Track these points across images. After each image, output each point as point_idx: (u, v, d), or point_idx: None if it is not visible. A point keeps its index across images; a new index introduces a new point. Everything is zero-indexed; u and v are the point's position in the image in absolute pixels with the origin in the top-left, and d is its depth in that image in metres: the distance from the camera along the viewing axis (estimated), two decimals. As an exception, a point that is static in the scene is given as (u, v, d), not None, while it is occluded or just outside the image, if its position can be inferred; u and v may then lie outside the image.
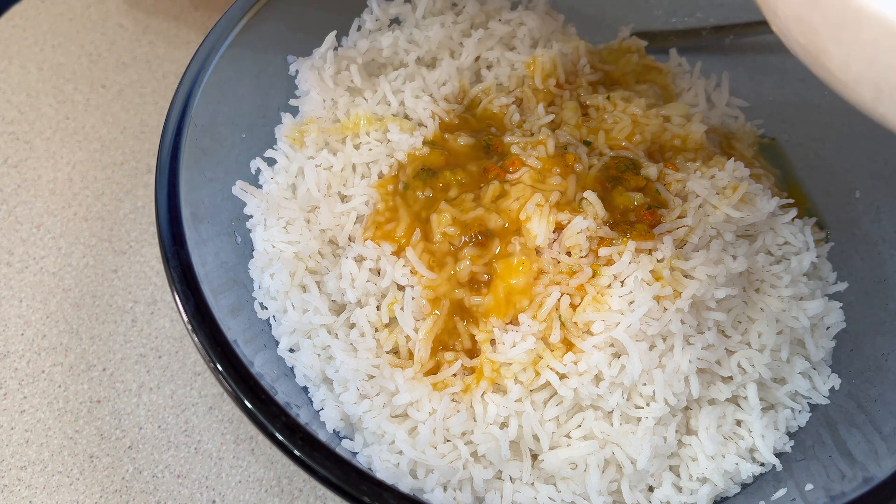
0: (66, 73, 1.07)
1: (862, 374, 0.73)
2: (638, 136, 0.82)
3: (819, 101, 0.85)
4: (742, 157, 0.85)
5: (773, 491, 0.67)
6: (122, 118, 1.03)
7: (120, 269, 0.90)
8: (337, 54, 0.86)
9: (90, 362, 0.83)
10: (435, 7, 0.90)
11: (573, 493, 0.66)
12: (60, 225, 0.93)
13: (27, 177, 0.97)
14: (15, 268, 0.89)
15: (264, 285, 0.73)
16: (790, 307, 0.73)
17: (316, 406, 0.70)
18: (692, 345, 0.68)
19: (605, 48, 0.95)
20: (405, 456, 0.64)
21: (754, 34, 0.91)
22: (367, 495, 0.53)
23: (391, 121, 0.81)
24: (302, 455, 0.54)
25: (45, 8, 1.14)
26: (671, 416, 0.68)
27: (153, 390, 0.81)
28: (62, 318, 0.86)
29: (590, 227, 0.71)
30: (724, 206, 0.74)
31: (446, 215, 0.73)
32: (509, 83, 0.86)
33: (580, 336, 0.68)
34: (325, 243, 0.76)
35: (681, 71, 0.95)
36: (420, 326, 0.69)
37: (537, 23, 0.89)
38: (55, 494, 0.75)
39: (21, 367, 0.82)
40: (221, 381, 0.57)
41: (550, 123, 0.82)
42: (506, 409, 0.66)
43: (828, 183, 0.84)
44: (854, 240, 0.80)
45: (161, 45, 1.10)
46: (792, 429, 0.72)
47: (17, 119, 1.02)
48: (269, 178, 0.79)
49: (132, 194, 0.96)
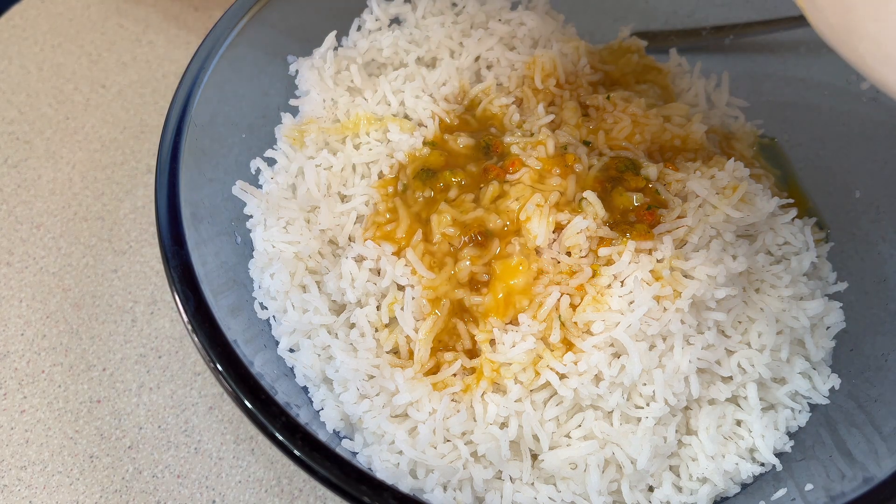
0: (66, 73, 1.07)
1: (862, 374, 0.73)
2: (638, 137, 0.82)
3: (819, 101, 0.85)
4: (742, 157, 0.85)
5: (773, 491, 0.67)
6: (122, 118, 1.03)
7: (120, 269, 0.90)
8: (337, 54, 0.86)
9: (90, 362, 0.83)
10: (435, 7, 0.90)
11: (573, 493, 0.66)
12: (60, 225, 0.93)
13: (27, 177, 0.97)
14: (15, 268, 0.89)
15: (264, 285, 0.73)
16: (790, 307, 0.73)
17: (316, 406, 0.70)
18: (692, 345, 0.68)
19: (605, 48, 0.95)
20: (405, 456, 0.64)
21: (754, 34, 0.91)
22: (367, 495, 0.53)
23: (391, 121, 0.81)
24: (302, 455, 0.54)
25: (45, 8, 1.14)
26: (671, 416, 0.68)
27: (153, 390, 0.81)
28: (62, 318, 0.86)
29: (589, 227, 0.71)
30: (724, 206, 0.74)
31: (446, 216, 0.72)
32: (509, 83, 0.86)
33: (580, 336, 0.68)
34: (325, 243, 0.76)
35: (681, 71, 0.95)
36: (420, 326, 0.69)
37: (537, 23, 0.89)
38: (55, 494, 0.75)
39: (21, 367, 0.82)
40: (221, 381, 0.57)
41: (550, 124, 0.82)
42: (506, 409, 0.66)
43: (828, 183, 0.84)
44: (854, 240, 0.80)
45: (161, 45, 1.11)
46: (792, 429, 0.72)
47: (17, 119, 1.02)
48: (269, 178, 0.79)
49: (132, 194, 0.96)
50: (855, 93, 0.80)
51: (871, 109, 0.79)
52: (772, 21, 0.88)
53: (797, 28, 0.85)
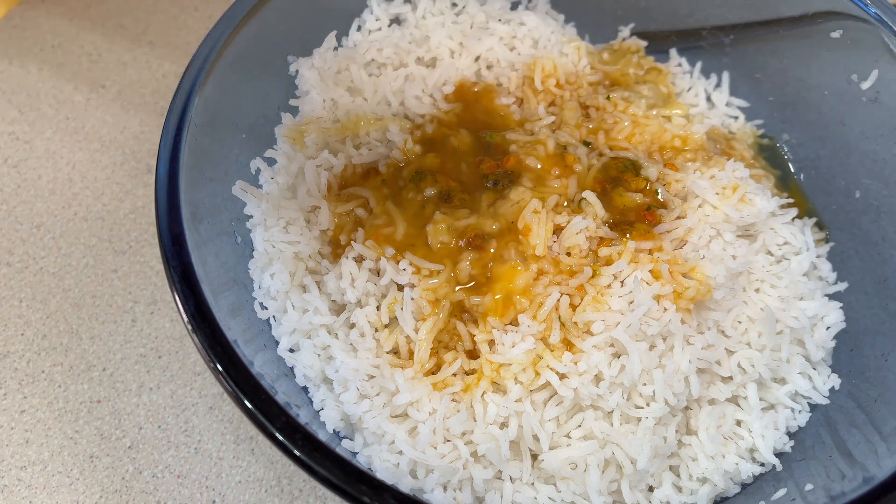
0: (66, 73, 1.07)
1: (862, 374, 0.73)
2: (638, 137, 0.82)
3: (819, 101, 0.85)
4: (742, 158, 0.85)
5: (773, 491, 0.67)
6: (122, 118, 1.03)
7: (120, 269, 0.89)
8: (337, 54, 0.86)
9: (90, 362, 0.83)
10: (435, 7, 0.90)
11: (573, 493, 0.66)
12: (60, 225, 0.93)
13: (27, 177, 0.97)
14: (15, 268, 0.89)
15: (264, 285, 0.73)
16: (790, 307, 0.73)
17: (316, 406, 0.70)
18: (692, 345, 0.68)
19: (606, 48, 0.95)
20: (405, 456, 0.64)
21: (754, 34, 0.91)
22: (367, 495, 0.53)
23: (391, 121, 0.81)
24: (302, 455, 0.54)
25: (45, 8, 1.14)
26: (671, 416, 0.68)
27: (153, 390, 0.81)
28: (62, 318, 0.86)
29: (589, 227, 0.71)
30: (723, 206, 0.74)
31: (442, 225, 0.72)
32: (509, 83, 0.86)
33: (580, 336, 0.68)
34: (325, 243, 0.75)
35: (681, 71, 0.95)
36: (420, 326, 0.69)
37: (537, 23, 0.89)
38: (55, 494, 0.75)
39: (21, 367, 0.82)
40: (221, 381, 0.57)
41: (551, 124, 0.82)
42: (506, 409, 0.66)
43: (828, 183, 0.84)
44: (854, 240, 0.80)
45: (161, 45, 1.10)
46: (792, 429, 0.72)
47: (17, 119, 1.02)
48: (269, 178, 0.79)
49: (132, 194, 0.96)
50: (855, 93, 0.80)
51: (871, 109, 0.79)
52: (772, 21, 0.88)
53: (797, 28, 0.85)
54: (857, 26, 0.78)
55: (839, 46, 0.81)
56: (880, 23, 0.76)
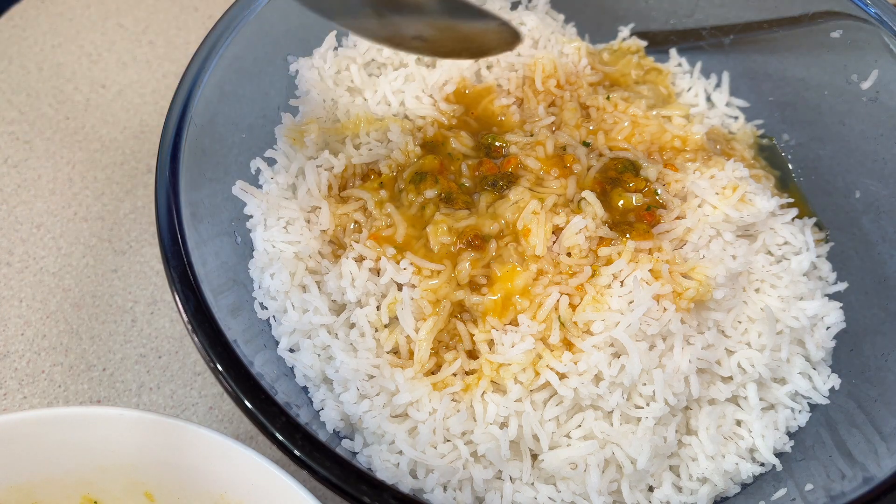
0: (66, 73, 1.07)
1: (862, 374, 0.73)
2: (637, 137, 0.82)
3: (819, 101, 0.85)
4: (742, 158, 0.85)
5: (773, 491, 0.67)
6: (122, 118, 1.03)
7: (120, 269, 0.89)
8: (337, 54, 0.86)
9: (90, 362, 0.83)
10: (435, 7, 0.90)
11: (573, 493, 0.66)
12: (60, 225, 0.93)
13: (27, 177, 0.97)
14: (15, 268, 0.89)
15: (264, 285, 0.73)
16: (790, 307, 0.73)
17: (316, 406, 0.70)
18: (692, 345, 0.68)
19: (605, 48, 0.95)
20: (405, 456, 0.64)
21: (754, 34, 0.91)
22: (367, 495, 0.53)
23: (391, 121, 0.81)
24: (302, 455, 0.54)
25: (45, 8, 1.14)
26: (671, 416, 0.68)
27: (153, 390, 0.81)
28: (62, 318, 0.86)
29: (588, 227, 0.71)
30: (723, 206, 0.74)
31: (442, 226, 0.72)
32: (509, 84, 0.86)
33: (580, 336, 0.68)
34: (325, 243, 0.75)
35: (681, 71, 0.95)
36: (420, 326, 0.69)
37: (537, 23, 0.89)
38: (55, 494, 0.75)
39: (21, 367, 0.82)
40: (221, 381, 0.57)
41: (551, 125, 0.82)
42: (506, 408, 0.66)
43: (828, 183, 0.84)
44: (854, 240, 0.81)
45: (161, 45, 1.10)
46: (792, 429, 0.72)
47: (17, 119, 1.02)
48: (269, 178, 0.79)
49: (132, 194, 0.96)
50: (855, 93, 0.80)
51: (871, 109, 0.79)
52: (772, 21, 0.88)
53: (797, 28, 0.85)
54: (857, 26, 0.78)
55: (839, 46, 0.81)
56: (880, 23, 0.76)
